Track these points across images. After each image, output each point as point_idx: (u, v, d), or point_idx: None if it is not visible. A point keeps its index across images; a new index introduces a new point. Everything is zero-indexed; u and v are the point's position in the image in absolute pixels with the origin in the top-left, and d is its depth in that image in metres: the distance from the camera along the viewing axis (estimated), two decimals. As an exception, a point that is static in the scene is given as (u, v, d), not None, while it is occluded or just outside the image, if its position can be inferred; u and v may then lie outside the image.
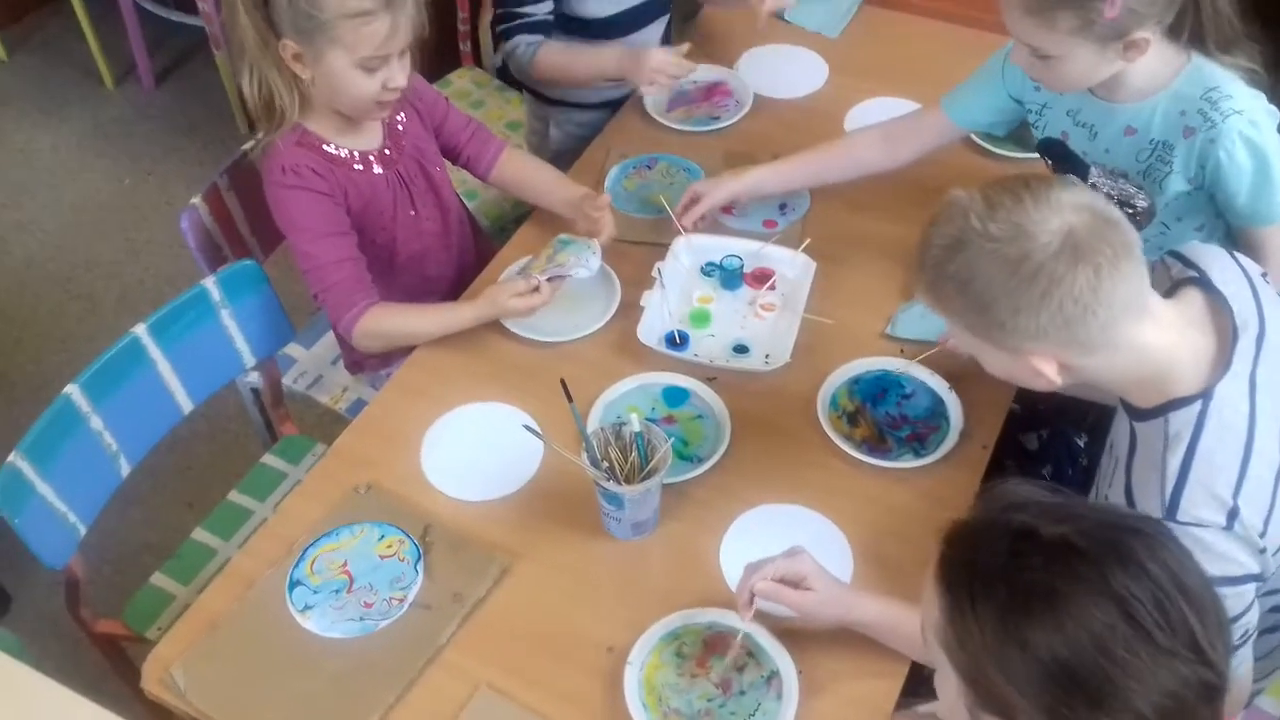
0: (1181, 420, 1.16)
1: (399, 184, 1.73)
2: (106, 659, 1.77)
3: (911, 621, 1.27)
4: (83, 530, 1.63)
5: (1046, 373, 1.16)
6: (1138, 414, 1.22)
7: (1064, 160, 1.60)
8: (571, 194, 1.79)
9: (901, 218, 1.80)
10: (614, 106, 2.12)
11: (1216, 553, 1.13)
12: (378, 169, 1.70)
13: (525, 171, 1.87)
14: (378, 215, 1.72)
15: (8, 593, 2.27)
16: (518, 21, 2.00)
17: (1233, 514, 1.13)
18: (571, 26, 2.06)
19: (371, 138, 1.70)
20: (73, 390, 1.57)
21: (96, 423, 1.62)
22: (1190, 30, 1.42)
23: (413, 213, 1.76)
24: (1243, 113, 1.39)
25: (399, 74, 1.57)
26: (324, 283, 1.63)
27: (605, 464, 1.39)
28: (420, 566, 1.42)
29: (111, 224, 3.08)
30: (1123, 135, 1.50)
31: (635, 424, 1.39)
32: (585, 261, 1.65)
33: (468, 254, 1.90)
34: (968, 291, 1.14)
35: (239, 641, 1.36)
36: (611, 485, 1.36)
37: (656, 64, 1.91)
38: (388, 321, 1.66)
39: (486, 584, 1.41)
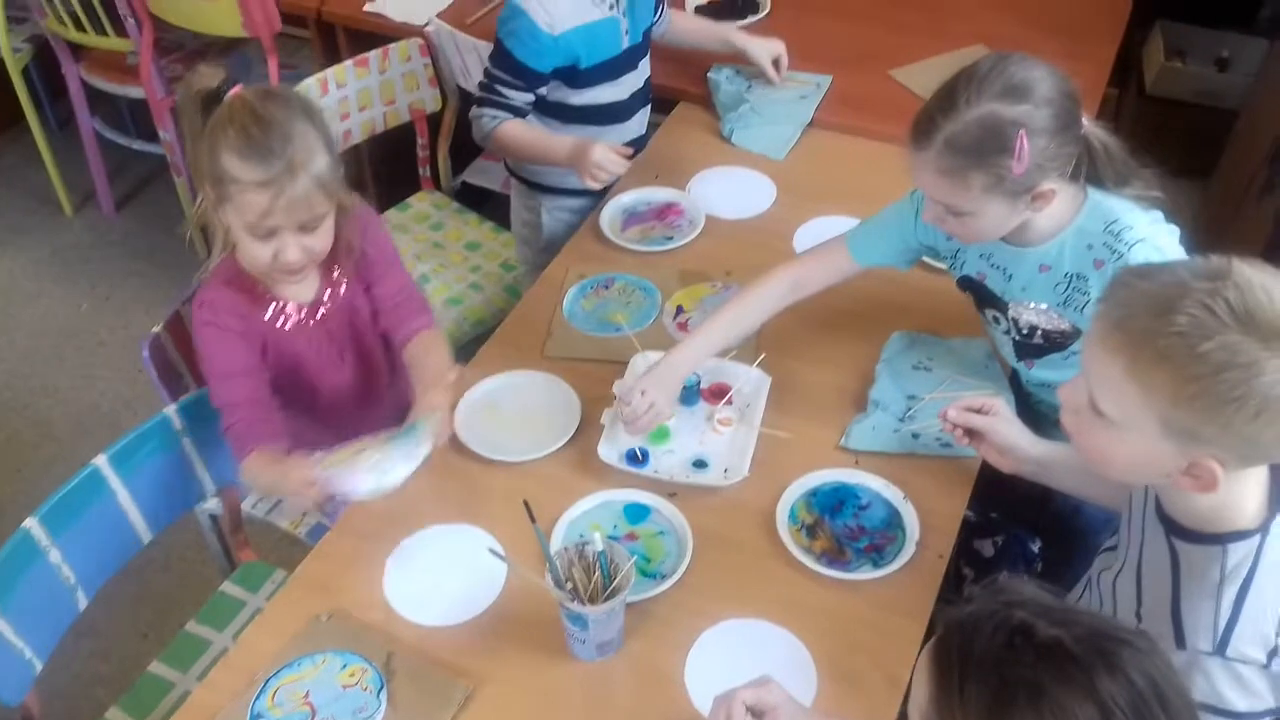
0: (1241, 553, 1.15)
1: (325, 338, 1.73)
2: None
3: None
4: (39, 666, 1.61)
5: (1207, 476, 1.10)
6: (1184, 533, 1.20)
7: (983, 297, 1.68)
8: (430, 400, 1.60)
9: (853, 333, 1.87)
10: (605, 193, 2.19)
11: (1251, 689, 1.14)
12: (305, 320, 1.69)
13: (419, 359, 1.70)
14: (297, 364, 1.73)
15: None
16: (495, 98, 2.12)
17: (1273, 652, 1.13)
18: (564, 113, 2.18)
19: (306, 287, 1.69)
20: (31, 524, 1.56)
21: (55, 555, 1.61)
22: (1086, 172, 1.52)
23: (337, 363, 1.77)
24: (1145, 240, 1.48)
25: (291, 249, 1.52)
26: (225, 421, 1.61)
27: (569, 584, 1.40)
28: (383, 695, 1.41)
29: (68, 350, 3.08)
30: (1037, 272, 1.58)
31: (598, 543, 1.40)
32: (386, 468, 1.47)
33: (394, 403, 1.82)
34: (1200, 379, 1.06)
35: None
36: (575, 606, 1.37)
37: (597, 159, 2.00)
38: (249, 470, 1.59)
39: (451, 710, 1.40)
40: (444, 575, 1.56)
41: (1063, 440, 1.32)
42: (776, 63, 2.37)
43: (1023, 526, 1.76)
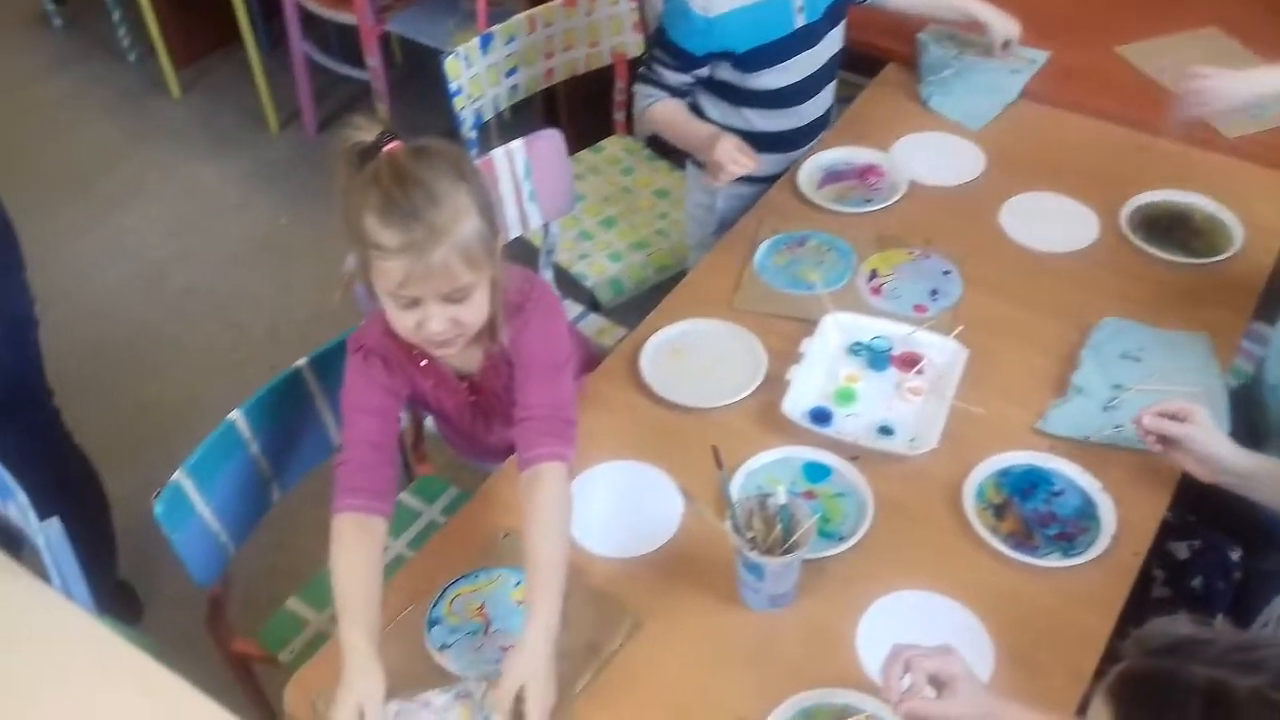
0: None
1: (476, 410, 1.67)
2: (236, 678, 1.82)
3: None
4: (233, 550, 1.70)
5: None
6: None
7: None
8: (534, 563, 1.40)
9: (1059, 313, 1.80)
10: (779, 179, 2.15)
11: None
12: (457, 389, 1.62)
13: (535, 510, 1.43)
14: (442, 416, 1.71)
15: (140, 601, 2.35)
16: (652, 76, 2.07)
17: None
18: (733, 95, 2.11)
19: (466, 358, 1.58)
20: (236, 417, 1.64)
21: (255, 448, 1.69)
22: None
23: (483, 432, 1.72)
24: None
25: (435, 319, 1.38)
26: (341, 455, 1.51)
27: (750, 534, 1.39)
28: None
29: (266, 260, 3.22)
30: None
31: (781, 496, 1.39)
32: None
33: None
34: None
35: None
36: (754, 555, 1.36)
37: (719, 156, 1.88)
38: (334, 544, 1.45)
39: (620, 637, 1.42)
40: (620, 510, 1.57)
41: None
42: (1007, 44, 2.26)
43: (1223, 532, 1.66)
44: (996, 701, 1.24)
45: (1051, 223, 1.97)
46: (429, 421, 2.08)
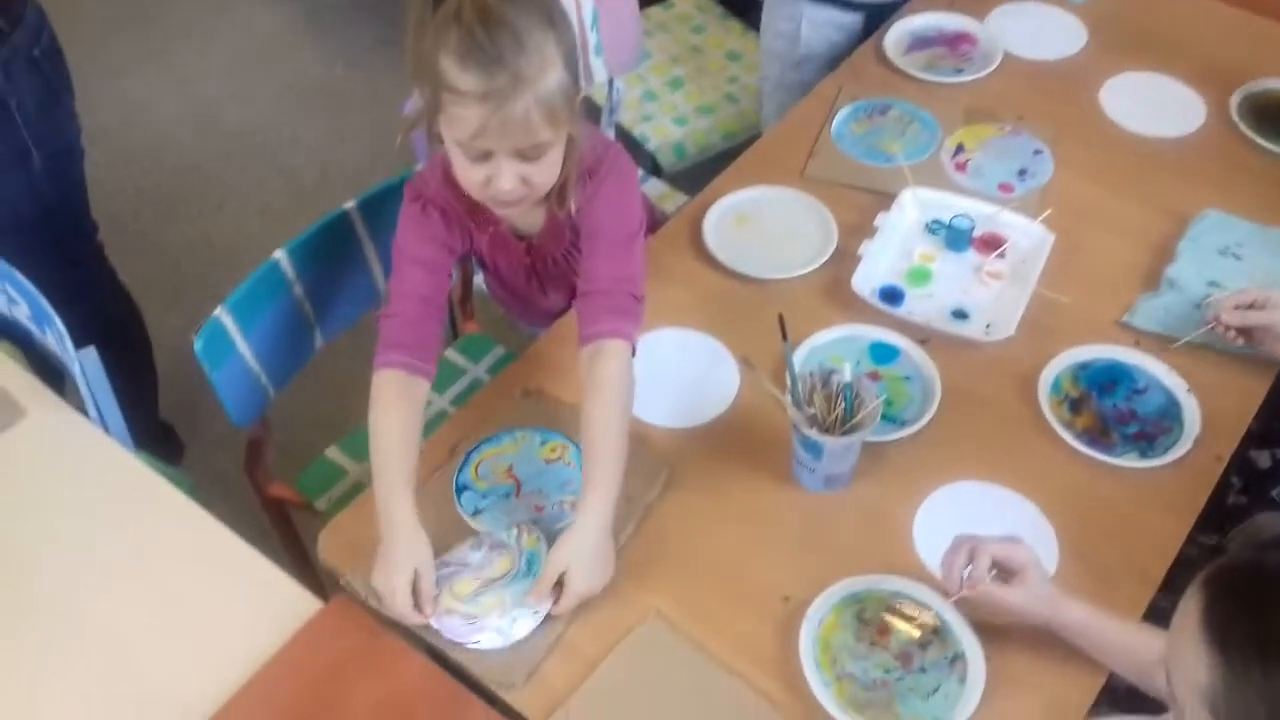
0: None
1: (530, 272, 1.58)
2: (272, 522, 1.80)
3: (1118, 634, 1.18)
4: (272, 393, 1.66)
5: None
6: None
7: None
8: (596, 455, 1.30)
9: (1156, 202, 1.68)
10: (876, 12, 2.01)
11: None
12: (515, 249, 1.53)
13: (594, 387, 1.32)
14: (495, 272, 1.62)
15: (181, 442, 2.34)
16: None
17: None
18: None
19: (528, 218, 1.50)
20: (280, 255, 1.58)
21: (299, 290, 1.63)
22: None
23: (539, 294, 1.63)
24: None
25: (505, 176, 1.28)
26: (387, 309, 1.42)
27: (810, 410, 1.32)
28: None
29: (319, 106, 3.13)
30: None
31: (846, 374, 1.31)
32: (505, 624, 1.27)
33: None
34: None
35: None
36: (813, 433, 1.29)
37: None
38: (375, 401, 1.36)
39: (657, 488, 1.37)
40: (674, 379, 1.50)
41: None
42: None
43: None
44: (1063, 598, 1.18)
45: (1154, 105, 1.83)
46: (478, 278, 2.01)
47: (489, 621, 1.25)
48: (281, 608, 1.29)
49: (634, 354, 1.37)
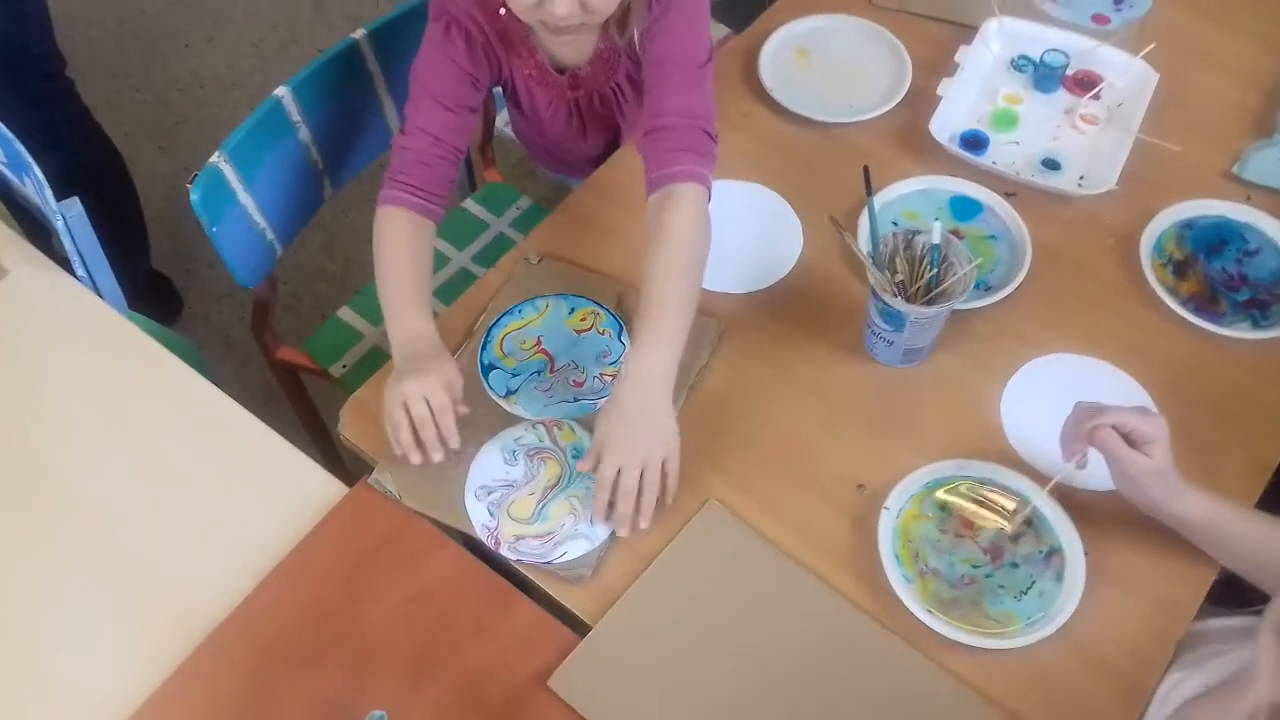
0: None
1: (572, 109, 1.41)
2: (282, 387, 1.67)
3: (1240, 527, 1.06)
4: (279, 250, 1.50)
5: None
6: None
7: None
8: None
9: (1269, 37, 1.49)
10: None
11: None
12: (557, 84, 1.36)
13: (663, 227, 1.17)
14: (532, 110, 1.42)
15: (179, 297, 2.19)
16: None
17: None
18: None
19: (576, 49, 1.33)
20: (283, 93, 1.39)
21: (304, 134, 1.45)
22: None
23: (577, 136, 1.47)
24: None
25: (562, 2, 1.12)
26: (401, 139, 1.26)
27: (896, 276, 1.16)
28: (625, 338, 1.25)
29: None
30: None
31: (936, 234, 1.15)
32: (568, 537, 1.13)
33: None
34: None
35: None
36: (897, 301, 1.14)
37: None
38: (380, 236, 1.24)
39: (706, 351, 1.23)
40: (728, 237, 1.33)
41: None
42: None
43: None
44: (1186, 487, 1.05)
45: (1267, -76, 1.61)
46: (500, 119, 1.82)
47: (565, 530, 1.13)
48: (300, 493, 1.16)
49: (709, 199, 1.20)
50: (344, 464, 1.44)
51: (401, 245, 1.23)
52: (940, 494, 1.14)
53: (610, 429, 1.10)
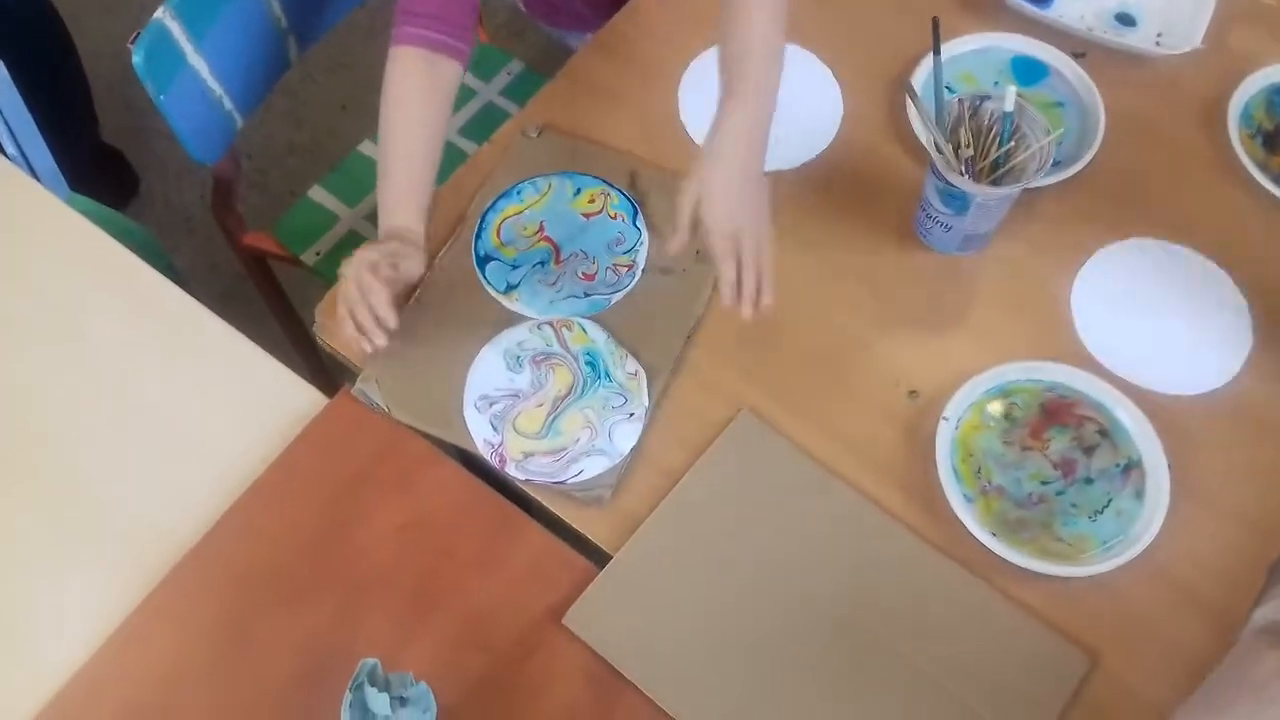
0: None
1: None
2: (250, 277, 1.51)
3: None
4: (239, 121, 1.31)
5: None
6: None
7: None
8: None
9: None
10: None
11: None
12: None
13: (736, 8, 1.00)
14: None
15: (136, 172, 1.99)
16: None
17: None
18: None
19: None
20: (237, -65, 1.20)
21: (264, -15, 1.26)
22: None
23: None
24: None
25: None
26: None
27: (968, 151, 1.00)
28: (641, 223, 1.09)
29: None
30: None
31: (1008, 100, 0.99)
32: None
33: None
34: None
35: (436, 335, 1.04)
36: (962, 181, 0.98)
37: None
38: (389, 87, 1.04)
39: None
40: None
41: None
42: None
43: None
44: None
45: None
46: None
47: (581, 446, 0.99)
48: (274, 404, 1.01)
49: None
50: (326, 368, 1.29)
51: (411, 106, 1.03)
52: (1005, 401, 1.00)
53: (715, 184, 0.93)
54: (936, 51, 1.00)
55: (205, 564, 0.94)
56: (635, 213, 1.11)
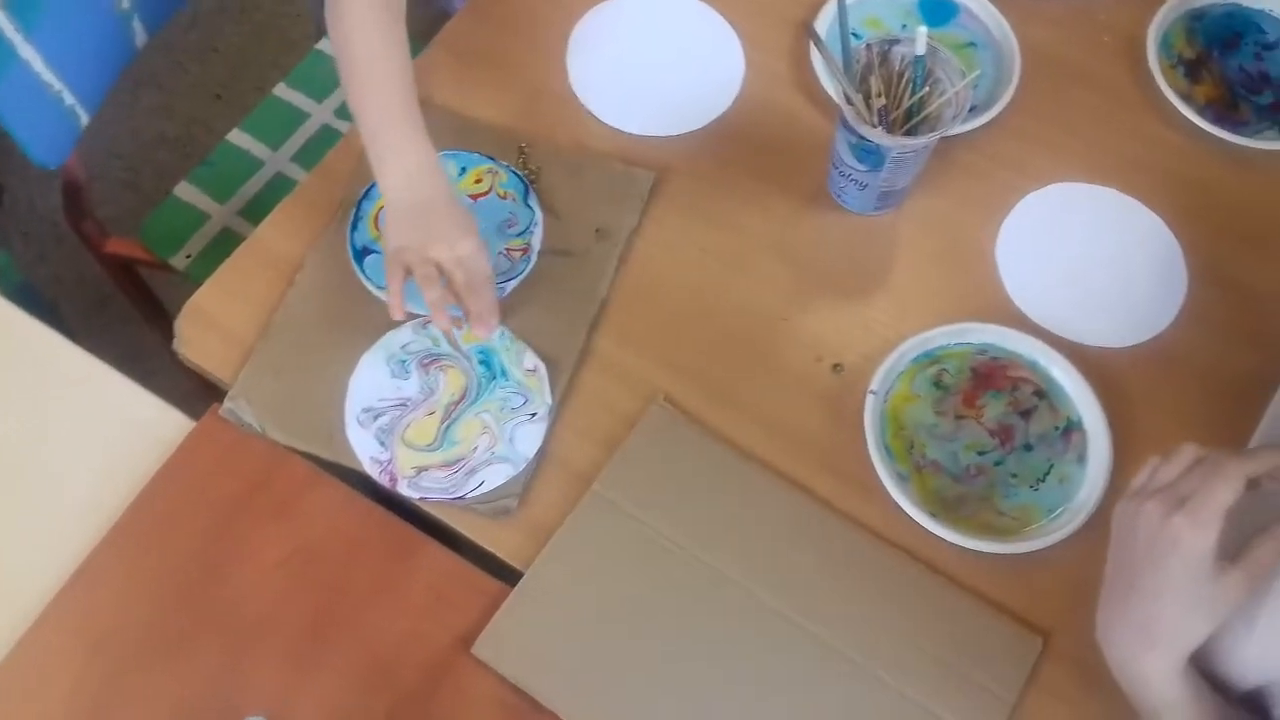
0: None
1: None
2: (116, 285, 1.38)
3: None
4: (85, 118, 1.19)
5: None
6: None
7: None
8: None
9: None
10: None
11: None
12: None
13: None
14: None
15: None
16: None
17: None
18: None
19: None
20: (61, -91, 1.07)
21: (97, -41, 1.13)
22: None
23: None
24: None
25: None
26: None
27: (879, 100, 0.92)
28: (533, 201, 1.00)
29: None
30: None
31: (920, 44, 0.91)
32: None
33: None
34: None
35: (310, 341, 0.94)
36: (874, 133, 0.91)
37: None
38: (341, 34, 0.91)
39: (635, 210, 1.00)
40: (644, 65, 1.08)
41: None
42: None
43: None
44: None
45: None
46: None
47: (480, 454, 0.89)
48: (130, 431, 0.90)
49: None
50: (212, 383, 1.18)
51: (368, 30, 0.90)
52: (934, 368, 0.93)
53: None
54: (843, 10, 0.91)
55: (56, 630, 0.83)
56: (526, 191, 1.01)
